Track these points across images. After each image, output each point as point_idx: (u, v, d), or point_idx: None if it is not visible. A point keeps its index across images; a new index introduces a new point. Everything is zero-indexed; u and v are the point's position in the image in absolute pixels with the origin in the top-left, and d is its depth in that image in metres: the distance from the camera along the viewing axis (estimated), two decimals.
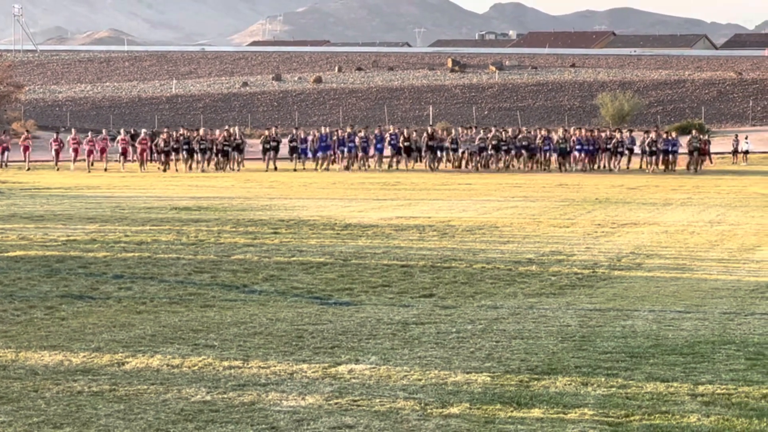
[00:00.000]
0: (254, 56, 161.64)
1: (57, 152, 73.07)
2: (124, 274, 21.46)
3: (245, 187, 50.78)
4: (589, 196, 43.37)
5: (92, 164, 70.07)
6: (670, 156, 67.89)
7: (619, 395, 11.66)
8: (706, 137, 74.71)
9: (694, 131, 71.23)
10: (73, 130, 77.48)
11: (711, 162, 70.69)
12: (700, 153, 67.91)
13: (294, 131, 71.97)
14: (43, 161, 75.35)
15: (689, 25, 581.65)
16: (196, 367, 12.98)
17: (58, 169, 69.32)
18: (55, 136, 75.52)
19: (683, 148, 68.68)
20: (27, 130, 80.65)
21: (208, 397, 11.57)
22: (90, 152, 69.95)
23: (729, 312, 17.09)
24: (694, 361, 13.30)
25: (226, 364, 13.16)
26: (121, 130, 78.46)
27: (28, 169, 69.73)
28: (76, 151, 71.29)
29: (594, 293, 19.61)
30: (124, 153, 72.52)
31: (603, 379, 12.34)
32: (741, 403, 11.30)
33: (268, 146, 69.22)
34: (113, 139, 76.09)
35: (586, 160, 68.00)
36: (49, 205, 38.99)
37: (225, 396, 11.64)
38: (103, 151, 72.04)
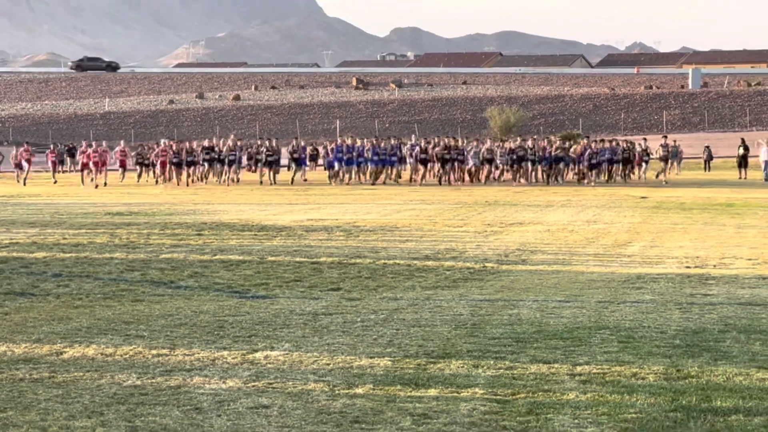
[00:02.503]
0: (179, 77, 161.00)
1: (54, 164, 67.44)
2: (62, 273, 21.31)
3: (172, 194, 50.48)
4: (479, 199, 43.54)
5: (100, 178, 59.73)
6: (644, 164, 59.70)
7: (506, 376, 11.75)
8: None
9: (667, 138, 63.05)
10: (83, 142, 67.84)
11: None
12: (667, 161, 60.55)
13: (294, 141, 63.94)
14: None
15: (567, 46, 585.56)
16: (128, 356, 12.93)
17: (55, 182, 63.25)
18: (51, 148, 70.12)
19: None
20: (27, 143, 76.51)
21: (139, 382, 11.54)
22: (96, 164, 60.20)
23: (604, 301, 17.25)
24: (572, 344, 13.42)
25: (154, 352, 13.12)
26: (121, 142, 70.85)
27: (25, 183, 62.92)
28: (87, 165, 61.15)
29: (484, 285, 19.70)
30: (123, 165, 63.49)
31: (492, 362, 12.42)
32: (614, 381, 11.43)
33: (269, 159, 59.65)
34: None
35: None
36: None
37: (153, 381, 11.61)
38: (103, 164, 61.79)
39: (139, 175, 62.79)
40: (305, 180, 58.87)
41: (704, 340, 13.60)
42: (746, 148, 60.73)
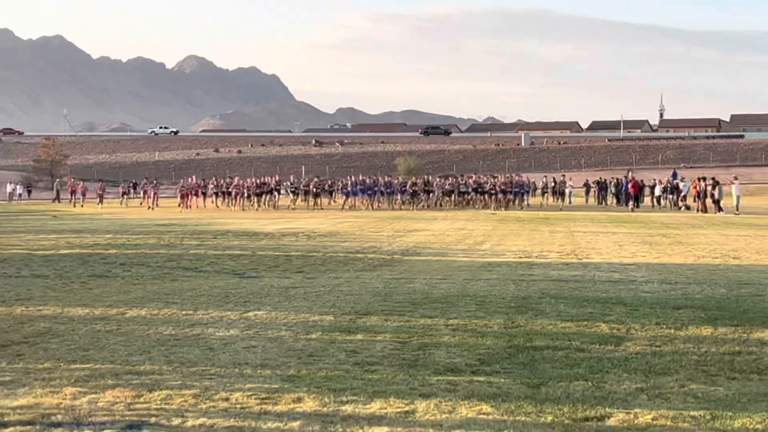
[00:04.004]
0: (204, 138, 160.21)
1: (155, 194, 58.84)
2: (126, 263, 21.09)
3: (197, 212, 50.16)
4: (390, 216, 43.61)
5: (189, 206, 54.83)
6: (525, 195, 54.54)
7: (405, 326, 11.77)
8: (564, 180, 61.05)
9: (559, 176, 58.14)
10: (181, 180, 61.78)
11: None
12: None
13: (299, 178, 60.42)
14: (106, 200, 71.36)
15: (447, 119, 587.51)
16: (166, 315, 12.82)
17: (152, 208, 55.88)
18: (153, 182, 62.44)
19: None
20: (102, 180, 72.50)
21: (173, 332, 11.45)
22: (186, 195, 55.53)
23: (467, 279, 17.31)
24: (447, 306, 13.46)
25: (183, 312, 13.02)
26: (193, 177, 63.91)
27: (101, 204, 59.98)
28: (184, 195, 55.72)
29: (393, 269, 19.70)
30: (203, 194, 56.90)
31: (396, 317, 12.43)
32: (472, 329, 11.50)
33: (317, 190, 55.01)
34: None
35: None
36: (84, 224, 38.19)
37: (182, 331, 11.52)
38: (197, 194, 56.97)
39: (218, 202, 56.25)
40: (317, 206, 53.89)
41: (529, 303, 13.71)
42: (556, 183, 61.47)
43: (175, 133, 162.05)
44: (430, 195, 53.74)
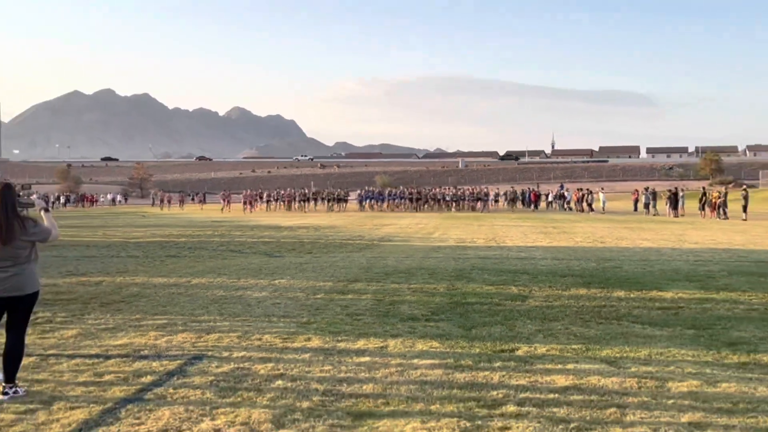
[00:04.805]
0: (244, 163, 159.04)
1: (228, 201, 53.43)
2: (191, 247, 20.87)
3: (254, 214, 49.73)
4: (371, 215, 43.45)
5: (250, 210, 50.38)
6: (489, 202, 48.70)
7: (381, 289, 11.73)
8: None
9: (523, 188, 51.98)
10: (247, 190, 56.67)
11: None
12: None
13: (327, 190, 55.69)
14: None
15: (408, 149, 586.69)
16: (219, 282, 12.72)
17: (223, 210, 51.81)
18: (227, 193, 56.05)
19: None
20: (181, 191, 70.26)
21: (223, 294, 11.37)
22: (249, 202, 51.36)
23: (422, 257, 17.25)
24: (409, 275, 13.45)
25: (230, 281, 12.93)
26: (248, 189, 58.48)
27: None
28: (246, 202, 51.53)
29: (373, 251, 19.62)
30: (250, 202, 52.34)
31: (375, 283, 12.40)
32: (426, 291, 11.48)
33: (339, 198, 50.91)
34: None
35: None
36: (164, 221, 37.76)
37: (229, 293, 11.45)
38: (253, 202, 52.29)
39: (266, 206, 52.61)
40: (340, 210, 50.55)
41: (464, 273, 13.72)
42: (486, 194, 60.70)
43: (312, 159, 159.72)
44: (417, 201, 50.11)
